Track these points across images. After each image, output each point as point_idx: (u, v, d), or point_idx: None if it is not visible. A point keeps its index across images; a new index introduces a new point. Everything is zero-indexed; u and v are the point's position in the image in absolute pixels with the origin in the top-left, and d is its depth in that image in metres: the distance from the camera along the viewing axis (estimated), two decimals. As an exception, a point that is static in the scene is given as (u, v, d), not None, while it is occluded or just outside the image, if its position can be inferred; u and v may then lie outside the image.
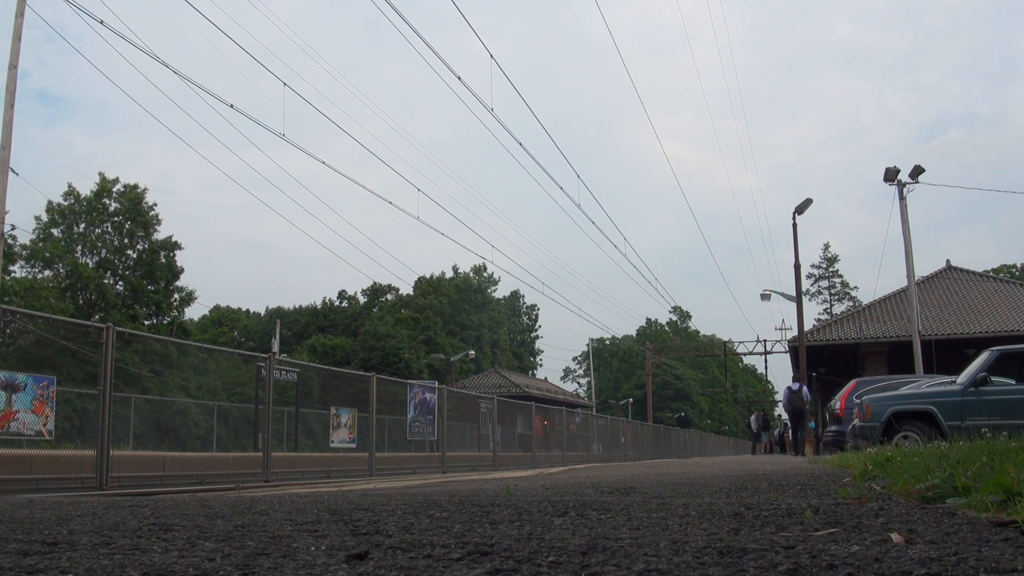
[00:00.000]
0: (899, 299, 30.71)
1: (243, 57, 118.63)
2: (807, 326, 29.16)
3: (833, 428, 15.80)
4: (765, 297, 34.43)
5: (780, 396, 26.15)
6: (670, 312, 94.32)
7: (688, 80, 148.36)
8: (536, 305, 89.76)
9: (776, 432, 36.55)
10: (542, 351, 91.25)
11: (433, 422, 16.70)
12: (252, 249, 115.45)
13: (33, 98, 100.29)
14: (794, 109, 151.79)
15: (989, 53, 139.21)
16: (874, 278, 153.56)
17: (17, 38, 15.03)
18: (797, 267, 27.39)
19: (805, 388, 23.22)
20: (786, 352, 38.10)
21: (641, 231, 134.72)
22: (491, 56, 14.13)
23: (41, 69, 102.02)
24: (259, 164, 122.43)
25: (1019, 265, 66.26)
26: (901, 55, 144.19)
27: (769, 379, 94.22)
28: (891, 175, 23.80)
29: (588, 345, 67.20)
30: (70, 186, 40.57)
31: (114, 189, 40.48)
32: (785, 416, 26.29)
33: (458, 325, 72.90)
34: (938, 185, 50.17)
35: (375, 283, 70.05)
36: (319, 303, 73.02)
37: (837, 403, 16.08)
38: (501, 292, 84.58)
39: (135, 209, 40.24)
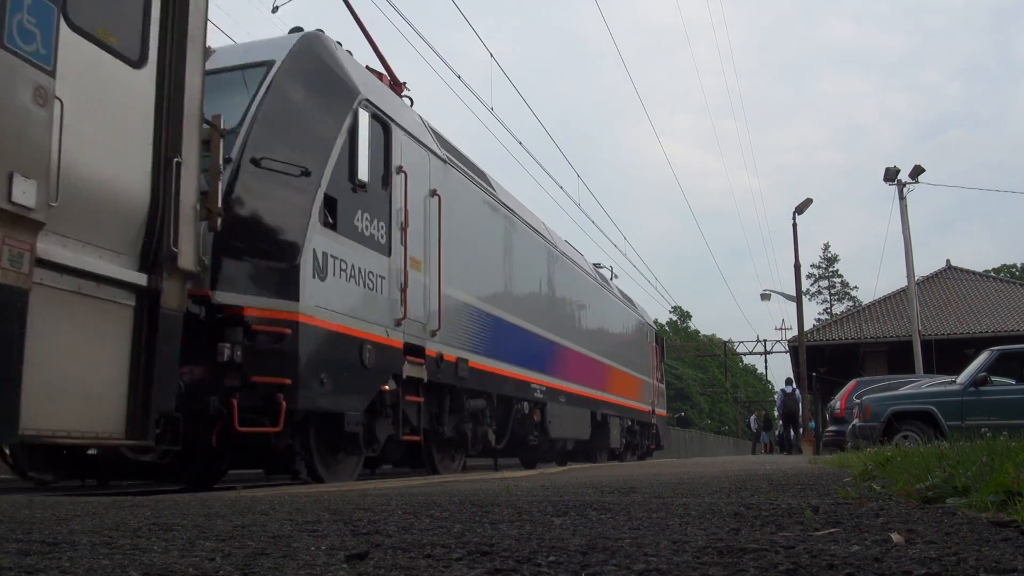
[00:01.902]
0: (899, 299, 30.72)
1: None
2: (807, 326, 29.19)
3: (833, 428, 15.80)
4: (765, 297, 34.46)
5: (777, 398, 26.80)
6: (670, 312, 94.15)
7: (688, 81, 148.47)
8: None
9: (776, 432, 36.59)
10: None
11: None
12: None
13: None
14: (794, 109, 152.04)
15: (989, 54, 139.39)
16: (874, 278, 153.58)
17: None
18: (797, 267, 27.40)
19: (797, 390, 24.60)
20: (786, 352, 38.13)
21: (641, 231, 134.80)
22: (491, 56, 14.11)
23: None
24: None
25: (1019, 265, 66.24)
26: (901, 56, 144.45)
27: (769, 379, 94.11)
28: (891, 175, 23.84)
29: (588, 345, 67.07)
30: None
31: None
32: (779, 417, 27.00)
33: (458, 325, 72.74)
34: (938, 185, 50.27)
35: (375, 283, 69.95)
36: (319, 303, 72.96)
37: (837, 403, 16.09)
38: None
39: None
